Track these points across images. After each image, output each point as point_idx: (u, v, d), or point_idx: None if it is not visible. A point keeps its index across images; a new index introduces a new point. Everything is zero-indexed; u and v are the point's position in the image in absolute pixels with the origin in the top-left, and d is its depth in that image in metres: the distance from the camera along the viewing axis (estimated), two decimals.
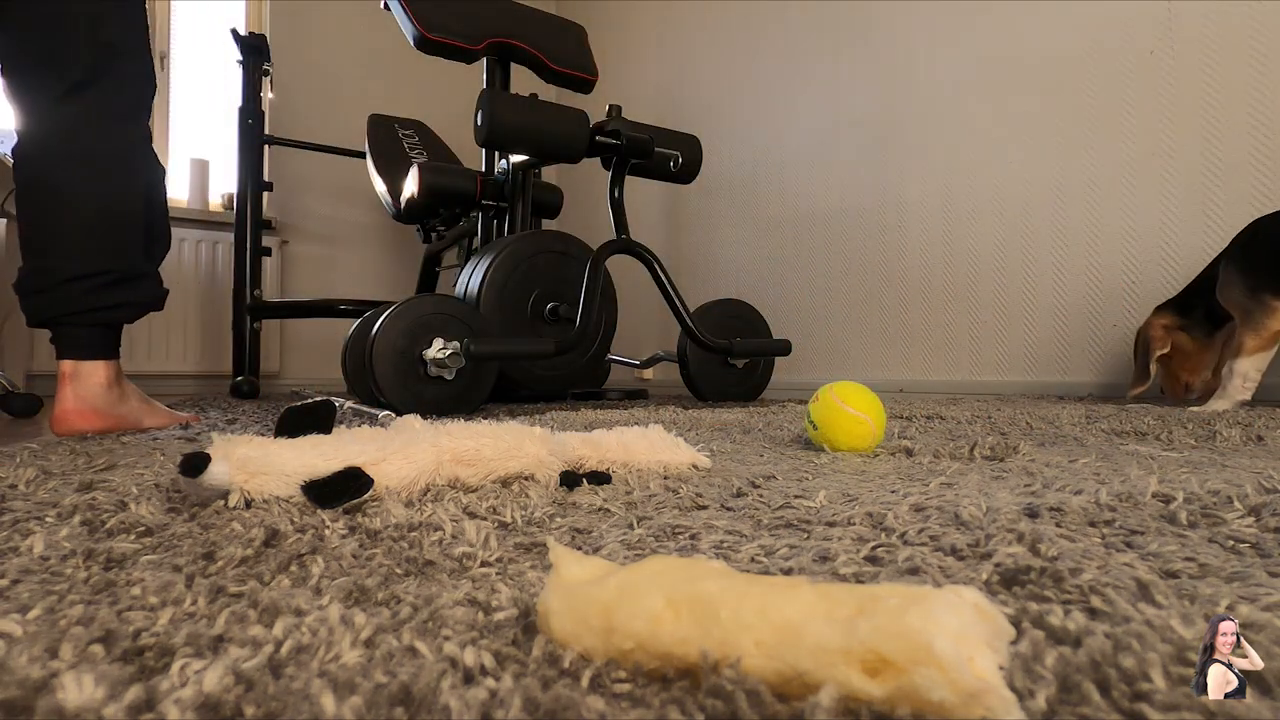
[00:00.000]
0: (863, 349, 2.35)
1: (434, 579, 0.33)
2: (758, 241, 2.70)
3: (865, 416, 0.76)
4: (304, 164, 3.06)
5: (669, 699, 0.20)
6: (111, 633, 0.25)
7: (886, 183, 2.28)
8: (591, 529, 0.42)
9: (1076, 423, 1.05)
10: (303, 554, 0.36)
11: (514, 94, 1.62)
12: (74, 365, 1.05)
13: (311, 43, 3.16)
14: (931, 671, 0.18)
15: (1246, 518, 0.41)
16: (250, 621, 0.27)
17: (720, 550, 0.37)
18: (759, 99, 2.69)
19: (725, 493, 0.53)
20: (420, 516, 0.43)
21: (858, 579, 0.32)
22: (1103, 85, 1.80)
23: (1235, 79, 1.60)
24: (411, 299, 1.40)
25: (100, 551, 0.36)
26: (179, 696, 0.20)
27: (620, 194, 1.71)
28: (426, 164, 2.09)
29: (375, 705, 0.20)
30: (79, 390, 1.05)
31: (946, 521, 0.41)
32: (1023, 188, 1.96)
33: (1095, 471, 0.60)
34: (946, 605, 0.19)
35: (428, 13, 1.80)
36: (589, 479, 0.56)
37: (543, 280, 1.70)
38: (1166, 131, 1.70)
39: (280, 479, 0.47)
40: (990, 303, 2.03)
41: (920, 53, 2.19)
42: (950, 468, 0.65)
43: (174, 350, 2.80)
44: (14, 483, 0.55)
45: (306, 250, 3.15)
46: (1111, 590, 0.28)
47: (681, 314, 1.65)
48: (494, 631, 0.26)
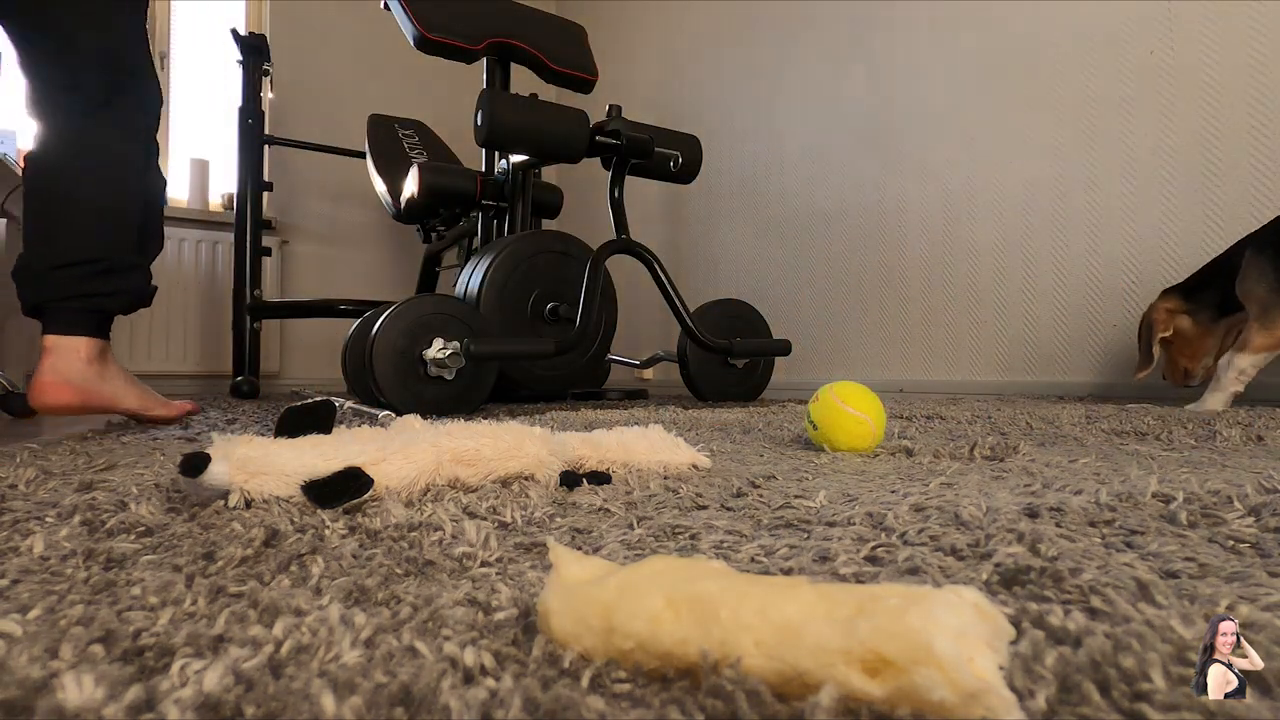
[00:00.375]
0: (863, 349, 2.35)
1: (434, 579, 0.33)
2: (758, 241, 2.70)
3: (865, 416, 0.76)
4: (304, 164, 3.06)
5: (669, 699, 0.20)
6: (111, 633, 0.25)
7: (886, 183, 2.28)
8: (591, 529, 0.42)
9: (1076, 423, 1.05)
10: (303, 554, 0.36)
11: (514, 94, 1.62)
12: (54, 340, 1.06)
13: (311, 43, 3.16)
14: (931, 671, 0.18)
15: (1246, 518, 0.41)
16: (250, 621, 0.27)
17: (720, 550, 0.37)
18: (759, 99, 2.69)
19: (725, 493, 0.52)
20: (420, 516, 0.43)
21: (858, 579, 0.32)
22: (1103, 85, 1.80)
23: (1235, 79, 1.60)
24: (411, 299, 1.40)
25: (100, 551, 0.36)
26: (179, 696, 0.20)
27: (620, 194, 1.71)
28: (426, 164, 2.09)
29: (375, 705, 0.20)
30: (56, 364, 1.05)
31: (946, 521, 0.41)
32: (1023, 187, 1.96)
33: (1095, 471, 0.60)
34: (946, 605, 0.19)
35: (428, 13, 1.80)
36: (589, 479, 0.56)
37: (543, 280, 1.70)
38: (1166, 131, 1.70)
39: (280, 479, 0.47)
40: (990, 302, 2.03)
41: (920, 52, 2.19)
42: (950, 468, 0.65)
43: (174, 350, 2.80)
44: (14, 483, 0.55)
45: (306, 250, 3.15)
46: (1111, 590, 0.28)
47: (681, 314, 1.65)
48: (494, 631, 0.26)
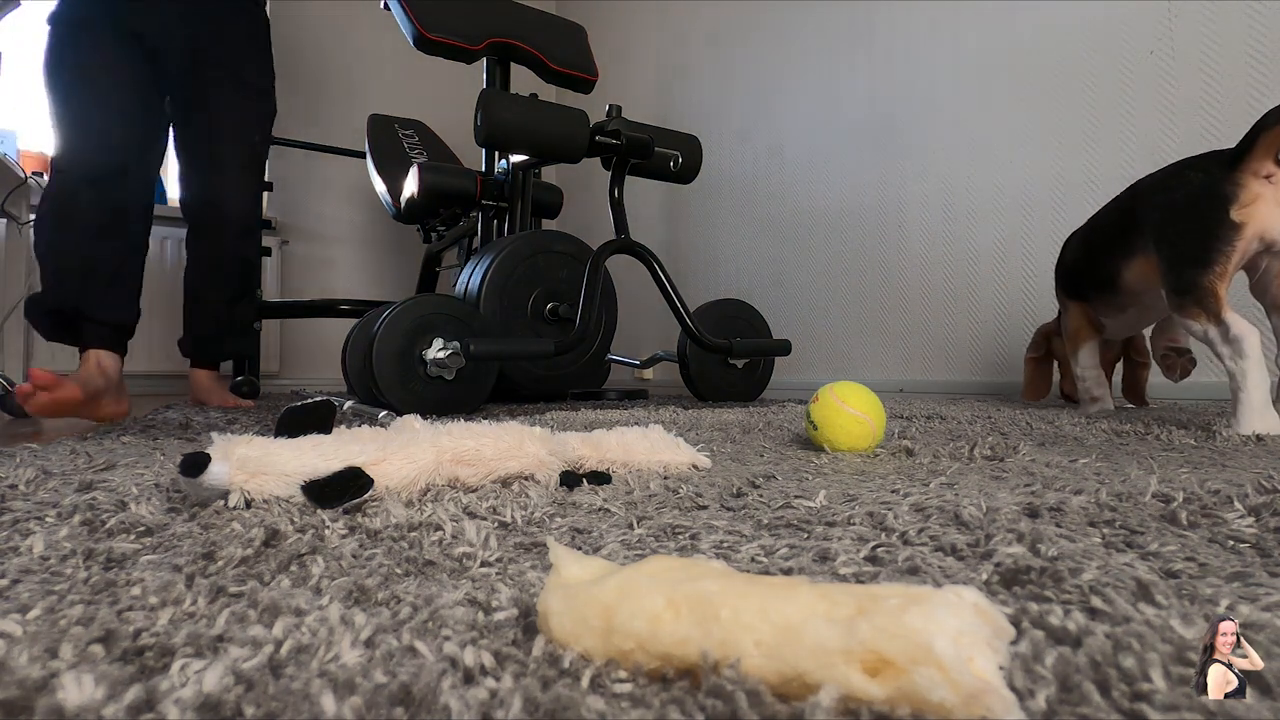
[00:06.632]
0: (863, 349, 2.35)
1: (434, 579, 0.32)
2: (758, 241, 2.70)
3: (865, 416, 0.76)
4: (304, 164, 3.06)
5: (669, 699, 0.20)
6: (111, 633, 0.25)
7: (886, 183, 2.28)
8: (591, 529, 0.42)
9: (1076, 423, 1.05)
10: (303, 554, 0.36)
11: (514, 94, 1.62)
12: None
13: (311, 43, 3.16)
14: (931, 671, 0.18)
15: (1246, 518, 0.41)
16: (250, 621, 0.27)
17: (720, 550, 0.37)
18: (759, 99, 2.69)
19: (725, 493, 0.52)
20: (420, 516, 0.43)
21: (858, 579, 0.32)
22: (1103, 85, 1.80)
23: (1235, 79, 1.60)
24: (411, 299, 1.40)
25: (100, 551, 0.36)
26: (179, 696, 0.20)
27: (620, 194, 1.71)
28: (426, 164, 2.09)
29: (375, 705, 0.20)
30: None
31: (946, 521, 0.41)
32: (1023, 188, 1.96)
33: (1095, 471, 0.60)
34: (946, 605, 0.19)
35: (428, 12, 1.80)
36: (589, 479, 0.56)
37: (543, 280, 1.70)
38: (1166, 131, 1.70)
39: (280, 479, 0.47)
40: (990, 303, 2.03)
41: (920, 52, 2.19)
42: (950, 468, 0.65)
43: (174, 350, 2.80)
44: (14, 483, 0.55)
45: (306, 250, 3.15)
46: (1111, 590, 0.28)
47: (681, 314, 1.65)
48: (494, 631, 0.26)
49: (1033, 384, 1.52)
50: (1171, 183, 1.03)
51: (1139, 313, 1.24)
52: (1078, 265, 1.31)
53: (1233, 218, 0.92)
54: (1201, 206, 0.95)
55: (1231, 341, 0.92)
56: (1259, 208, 0.91)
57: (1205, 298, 0.94)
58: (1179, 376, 1.28)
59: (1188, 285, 0.96)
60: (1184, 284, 0.96)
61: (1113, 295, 1.22)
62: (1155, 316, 1.27)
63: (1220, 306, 0.93)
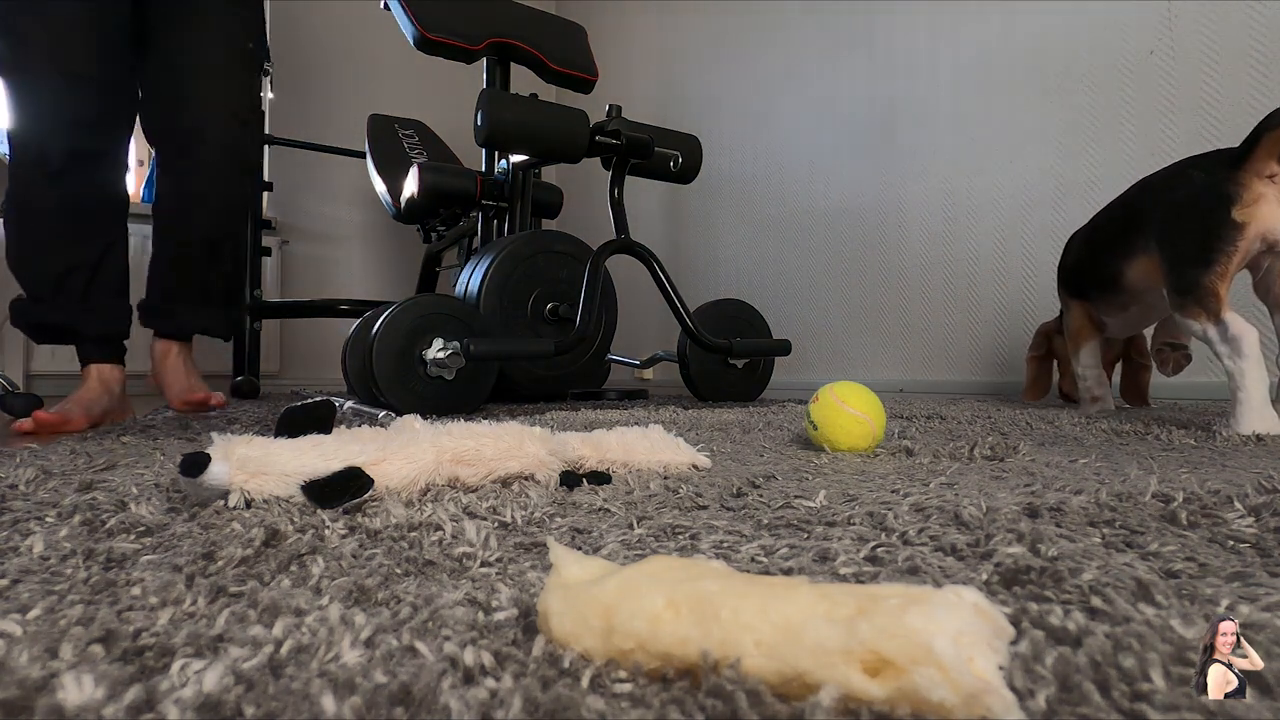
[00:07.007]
0: (863, 349, 2.35)
1: (434, 579, 0.32)
2: (758, 241, 2.69)
3: (865, 416, 0.76)
4: (304, 164, 3.06)
5: (669, 699, 0.20)
6: (111, 633, 0.25)
7: (886, 183, 2.28)
8: (591, 529, 0.42)
9: (1076, 423, 1.05)
10: (303, 554, 0.36)
11: (514, 94, 1.62)
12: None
13: (311, 43, 3.16)
14: (931, 671, 0.18)
15: (1246, 518, 0.41)
16: (250, 621, 0.27)
17: (720, 550, 0.37)
18: (759, 99, 2.69)
19: (725, 493, 0.52)
20: (420, 516, 0.43)
21: (858, 579, 0.32)
22: (1103, 85, 1.80)
23: (1235, 79, 1.60)
24: (411, 299, 1.40)
25: (100, 551, 0.36)
26: (179, 696, 0.20)
27: (620, 194, 1.70)
28: (426, 164, 2.09)
29: (375, 705, 0.20)
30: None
31: (946, 521, 0.41)
32: (1023, 188, 1.96)
33: (1095, 471, 0.60)
34: (946, 605, 0.19)
35: (428, 12, 1.80)
36: (589, 479, 0.56)
37: (543, 280, 1.70)
38: (1166, 131, 1.70)
39: (280, 479, 0.47)
40: (990, 303, 2.03)
41: (920, 53, 2.19)
42: (950, 468, 0.65)
43: None
44: (14, 483, 0.55)
45: (306, 250, 3.15)
46: (1111, 590, 0.28)
47: (681, 314, 1.64)
48: (494, 631, 0.26)
49: (1035, 384, 1.52)
50: (1174, 182, 1.03)
51: (1141, 312, 1.24)
52: (1080, 264, 1.31)
53: (1235, 218, 0.92)
54: (1203, 206, 0.95)
55: (1230, 341, 0.92)
56: (1261, 208, 0.91)
57: (1206, 297, 0.94)
58: (1172, 371, 1.28)
59: (1189, 285, 0.96)
60: (1185, 283, 0.96)
61: (1114, 294, 1.22)
62: (1157, 316, 1.27)
63: (1220, 306, 0.93)
